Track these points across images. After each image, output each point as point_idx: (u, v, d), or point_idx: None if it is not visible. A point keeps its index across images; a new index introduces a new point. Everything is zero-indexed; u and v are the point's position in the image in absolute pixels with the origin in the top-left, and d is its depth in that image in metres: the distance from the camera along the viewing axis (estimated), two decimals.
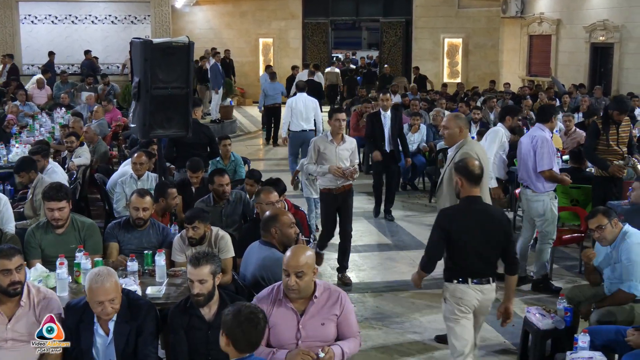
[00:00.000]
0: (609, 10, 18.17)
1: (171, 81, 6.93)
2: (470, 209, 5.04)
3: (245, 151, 16.35)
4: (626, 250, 5.63)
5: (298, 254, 4.37)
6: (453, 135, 6.34)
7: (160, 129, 7.08)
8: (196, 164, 8.35)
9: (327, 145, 7.81)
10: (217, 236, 6.06)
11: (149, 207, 6.13)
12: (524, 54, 22.75)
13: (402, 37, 25.58)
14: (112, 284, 4.41)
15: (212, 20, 27.21)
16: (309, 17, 26.22)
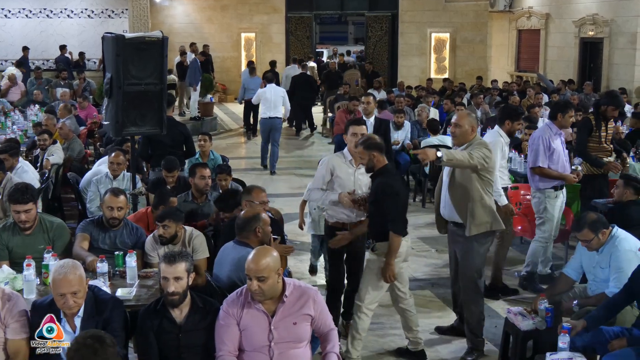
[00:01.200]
0: (598, 4, 18.30)
1: (145, 77, 6.94)
2: (396, 174, 6.08)
3: (226, 149, 16.33)
4: (615, 256, 5.67)
5: (258, 257, 4.39)
6: (465, 134, 6.05)
7: (133, 127, 7.08)
8: (171, 162, 8.35)
9: (343, 167, 6.34)
10: (191, 236, 6.08)
11: (123, 207, 6.13)
12: (512, 49, 22.87)
13: (388, 31, 25.63)
14: (76, 276, 4.43)
15: (192, 14, 27.13)
16: (292, 11, 26.21)
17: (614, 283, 5.59)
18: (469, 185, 5.95)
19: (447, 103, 14.44)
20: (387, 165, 5.92)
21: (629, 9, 17.15)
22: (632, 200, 7.01)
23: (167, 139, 8.88)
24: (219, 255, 5.50)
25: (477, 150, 5.87)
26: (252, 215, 5.41)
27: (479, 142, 6.02)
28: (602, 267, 5.75)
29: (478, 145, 5.95)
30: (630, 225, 6.46)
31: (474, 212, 5.96)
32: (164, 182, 8.33)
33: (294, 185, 13.07)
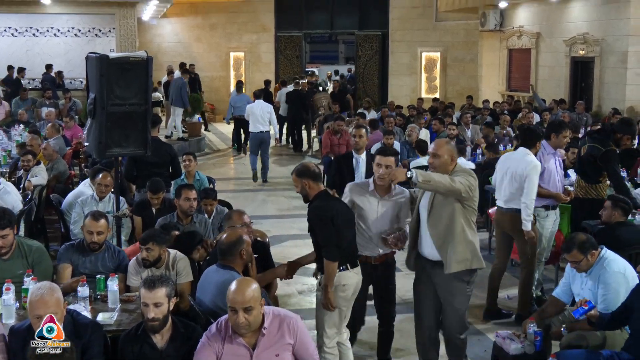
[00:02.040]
0: (588, 23, 18.44)
1: (129, 97, 6.92)
2: (334, 199, 5.86)
3: (213, 169, 16.33)
4: (604, 278, 5.67)
5: (243, 288, 4.33)
6: (444, 164, 5.57)
7: (117, 148, 7.06)
8: (157, 184, 8.34)
9: (366, 198, 6.04)
10: (175, 259, 6.05)
11: (103, 231, 6.10)
12: (503, 68, 23.00)
13: (379, 50, 25.76)
14: (54, 298, 4.42)
15: (180, 33, 27.25)
16: (281, 30, 26.34)
17: (602, 305, 5.60)
18: (451, 217, 5.53)
19: (435, 123, 14.47)
20: (322, 192, 5.73)
21: (619, 28, 17.28)
22: (621, 222, 7.03)
23: (153, 159, 8.89)
24: (202, 279, 5.48)
25: (460, 176, 5.48)
26: (236, 238, 5.38)
27: (463, 171, 5.61)
28: (591, 289, 5.75)
29: (462, 173, 5.54)
30: (620, 246, 6.49)
31: (455, 247, 5.55)
32: (149, 204, 8.32)
33: (283, 207, 13.06)
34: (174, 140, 19.29)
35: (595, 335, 5.55)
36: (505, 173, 7.56)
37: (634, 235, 6.90)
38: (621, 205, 7.15)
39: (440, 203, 5.55)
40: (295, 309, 7.97)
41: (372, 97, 24.86)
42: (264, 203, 13.40)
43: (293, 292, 8.60)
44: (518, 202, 7.40)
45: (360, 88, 26.12)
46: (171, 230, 6.70)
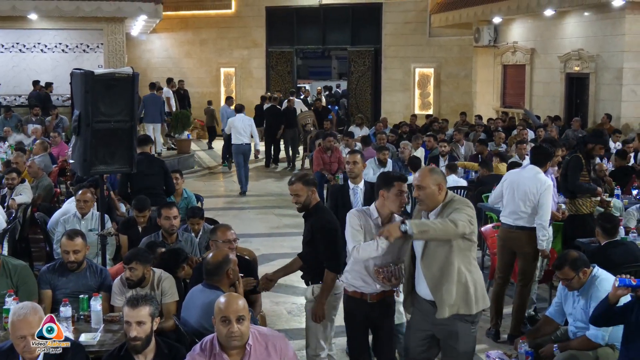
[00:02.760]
0: (583, 39, 18.57)
1: (114, 114, 6.96)
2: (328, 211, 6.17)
3: (203, 188, 16.35)
4: (595, 297, 5.69)
5: (234, 298, 4.41)
6: (432, 196, 5.08)
7: (102, 165, 7.08)
8: (143, 202, 8.36)
9: (370, 226, 5.41)
10: (160, 278, 6.06)
11: (80, 250, 6.11)
12: (497, 84, 23.11)
13: (371, 66, 25.89)
14: (36, 318, 4.45)
15: (170, 48, 27.36)
16: (272, 46, 26.47)
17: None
18: (447, 257, 5.05)
19: (429, 140, 14.54)
20: (319, 202, 5.94)
21: (614, 44, 17.41)
22: (613, 241, 7.06)
23: (147, 176, 9.00)
24: (187, 299, 5.49)
25: (458, 212, 4.97)
26: (222, 258, 5.41)
27: (458, 201, 5.11)
28: (583, 308, 5.78)
29: (458, 205, 5.04)
30: (612, 266, 6.52)
31: (450, 290, 5.06)
32: (135, 222, 8.33)
33: (272, 224, 13.07)
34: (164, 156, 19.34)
35: (587, 355, 5.58)
36: (515, 191, 7.52)
37: (627, 255, 6.93)
38: (600, 224, 7.19)
39: (435, 245, 5.08)
40: (284, 328, 7.99)
41: (365, 113, 24.97)
42: (253, 221, 13.41)
43: (282, 311, 8.61)
44: (528, 220, 7.41)
45: (353, 104, 26.24)
46: (156, 248, 6.71)
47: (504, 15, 20.87)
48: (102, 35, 21.71)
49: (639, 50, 17.11)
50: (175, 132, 19.93)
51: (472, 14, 21.61)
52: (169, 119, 20.23)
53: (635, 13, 16.99)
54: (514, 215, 7.52)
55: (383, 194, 5.37)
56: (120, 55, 21.47)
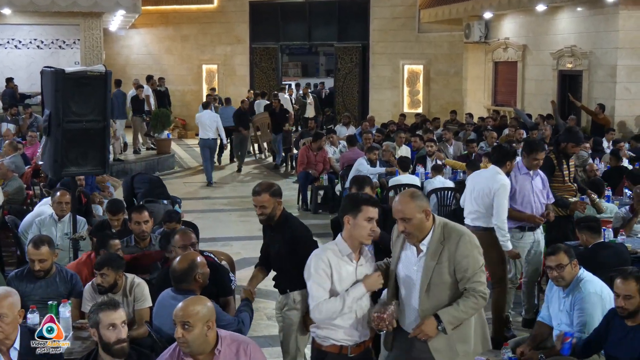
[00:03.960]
0: (576, 35, 18.68)
1: (86, 114, 6.98)
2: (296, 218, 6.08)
3: (183, 189, 16.36)
4: (580, 300, 5.78)
5: (188, 303, 4.43)
6: (420, 225, 4.66)
7: (74, 167, 7.10)
8: (117, 204, 8.37)
9: (341, 266, 4.80)
10: (133, 284, 6.08)
11: (46, 258, 6.13)
12: (489, 81, 23.19)
13: (359, 63, 25.92)
14: (7, 301, 4.57)
15: (150, 44, 27.33)
16: (256, 42, 26.47)
17: (578, 328, 5.70)
18: (452, 300, 4.69)
19: (415, 140, 14.58)
20: (285, 211, 5.89)
21: (608, 40, 17.52)
22: (600, 243, 7.13)
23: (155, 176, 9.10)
24: (157, 306, 5.51)
25: (467, 259, 4.65)
26: (188, 264, 5.45)
27: (457, 233, 4.71)
28: (568, 310, 5.85)
29: (463, 244, 4.67)
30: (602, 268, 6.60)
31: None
32: (109, 225, 8.32)
33: (254, 227, 12.98)
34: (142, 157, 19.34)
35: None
36: (473, 191, 7.75)
37: (615, 258, 7.00)
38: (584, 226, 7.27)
39: (440, 287, 4.68)
40: (264, 335, 8.03)
41: (352, 111, 24.99)
42: (234, 223, 13.43)
43: (262, 317, 8.63)
44: (485, 221, 7.59)
45: (340, 102, 26.27)
46: (108, 241, 6.74)
47: (495, 11, 20.95)
48: (78, 30, 21.65)
49: (633, 47, 17.23)
50: (154, 131, 19.90)
51: (462, 9, 21.69)
52: (148, 118, 20.21)
53: (629, 9, 17.11)
54: (472, 215, 7.73)
55: (349, 220, 4.74)
56: (98, 52, 21.43)
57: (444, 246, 4.66)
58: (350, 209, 4.77)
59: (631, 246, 7.86)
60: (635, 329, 5.26)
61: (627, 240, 8.07)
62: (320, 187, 14.24)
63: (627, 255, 7.31)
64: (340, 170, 13.93)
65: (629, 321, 5.30)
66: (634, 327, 5.27)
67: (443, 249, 4.66)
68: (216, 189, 16.81)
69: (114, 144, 17.34)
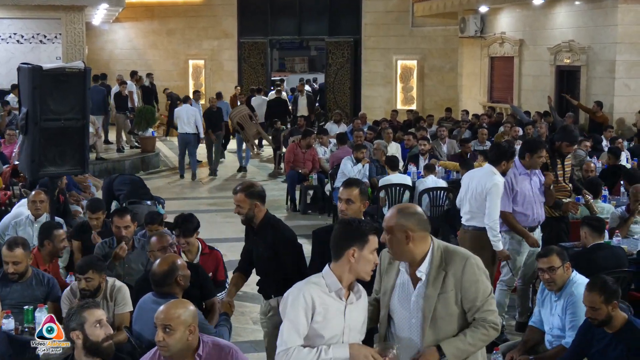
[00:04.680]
0: (574, 30, 18.74)
1: (64, 112, 7.01)
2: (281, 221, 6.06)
3: (167, 189, 16.36)
4: (572, 304, 5.84)
5: (170, 306, 4.47)
6: (406, 247, 4.28)
7: (52, 166, 7.12)
8: (96, 202, 8.36)
9: (329, 304, 4.18)
10: (113, 287, 6.08)
11: (20, 260, 6.13)
12: (484, 77, 23.25)
13: (350, 58, 25.96)
14: None
15: (135, 39, 27.31)
16: (245, 36, 26.47)
17: (570, 332, 5.75)
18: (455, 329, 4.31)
19: (409, 138, 14.60)
20: (268, 214, 5.96)
21: (606, 35, 17.59)
22: (598, 245, 7.17)
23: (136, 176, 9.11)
24: (137, 310, 5.52)
25: (476, 285, 4.28)
26: (169, 266, 5.49)
27: (462, 257, 4.32)
28: (560, 314, 5.89)
29: (470, 269, 4.29)
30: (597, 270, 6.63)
31: None
32: (90, 227, 8.30)
33: (239, 228, 12.85)
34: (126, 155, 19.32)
35: None
36: (467, 190, 7.85)
37: (611, 260, 7.04)
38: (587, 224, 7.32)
39: (446, 320, 4.29)
40: (249, 340, 8.04)
41: (344, 108, 25.03)
42: (220, 224, 13.43)
43: (247, 322, 8.65)
44: (479, 221, 7.69)
45: (331, 99, 26.29)
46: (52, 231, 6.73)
47: (490, 4, 21.02)
48: (60, 25, 21.63)
49: (632, 42, 17.32)
50: (139, 129, 19.88)
51: (457, 3, 21.72)
52: (132, 115, 20.20)
53: (628, 2, 17.20)
54: (467, 215, 7.84)
55: (354, 252, 4.13)
56: (80, 47, 21.41)
57: (446, 272, 4.25)
58: (359, 239, 4.15)
59: (627, 247, 7.92)
60: (616, 337, 5.31)
61: (623, 242, 8.12)
62: (309, 187, 14.24)
63: (625, 258, 7.35)
64: (330, 170, 13.93)
65: (608, 328, 5.34)
66: (615, 334, 5.32)
67: (446, 275, 4.24)
68: (202, 189, 16.81)
69: (96, 142, 17.30)
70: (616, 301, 5.33)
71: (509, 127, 16.29)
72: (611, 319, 5.31)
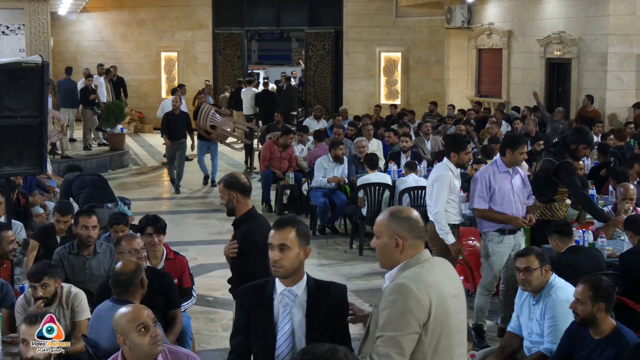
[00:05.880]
0: (564, 21, 18.85)
1: (21, 109, 7.00)
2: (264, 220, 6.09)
3: (137, 189, 16.35)
4: (551, 308, 5.90)
5: (140, 307, 4.64)
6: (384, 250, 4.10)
7: (8, 166, 7.11)
8: (67, 205, 8.33)
9: None
10: (69, 294, 6.09)
11: None
12: (472, 70, 23.35)
13: (331, 50, 25.99)
14: None
15: (103, 30, 27.24)
16: (220, 27, 26.46)
17: (549, 338, 5.80)
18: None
19: (389, 135, 14.62)
20: (252, 210, 6.04)
21: (598, 26, 17.69)
22: (573, 247, 7.24)
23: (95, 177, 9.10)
24: (94, 318, 5.53)
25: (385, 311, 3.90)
26: (135, 266, 5.53)
27: (398, 278, 3.96)
28: (538, 320, 5.95)
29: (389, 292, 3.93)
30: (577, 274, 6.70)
31: None
32: (53, 230, 8.24)
33: (213, 230, 13.13)
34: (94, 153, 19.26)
35: None
36: (429, 183, 8.30)
37: (590, 262, 7.10)
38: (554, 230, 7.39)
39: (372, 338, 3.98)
40: (219, 348, 8.05)
41: (324, 103, 25.11)
42: (192, 226, 13.44)
43: (217, 329, 8.67)
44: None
45: (311, 93, 26.31)
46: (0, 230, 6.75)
47: None
48: (23, 15, 21.58)
49: (624, 34, 17.42)
50: (107, 125, 19.80)
51: None
52: (100, 111, 20.12)
53: None
54: (429, 208, 8.15)
55: None
56: (45, 38, 21.38)
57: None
58: None
59: (612, 249, 7.98)
60: (602, 343, 5.35)
61: (608, 243, 8.18)
62: (286, 187, 14.26)
63: (602, 259, 7.42)
64: (307, 168, 13.94)
65: (594, 333, 5.37)
66: (601, 340, 5.36)
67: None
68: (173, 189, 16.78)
69: (62, 139, 17.25)
70: (604, 304, 5.32)
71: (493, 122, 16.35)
72: (595, 321, 5.32)
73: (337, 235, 12.92)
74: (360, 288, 10.05)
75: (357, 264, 11.20)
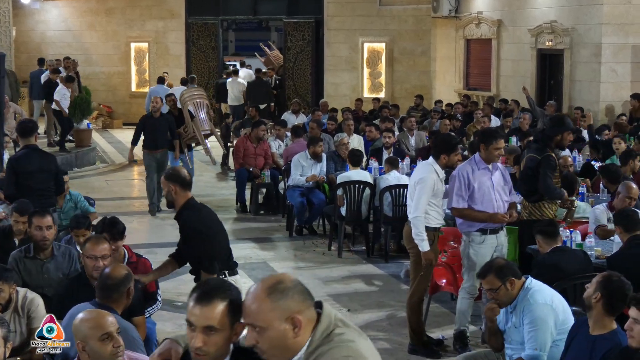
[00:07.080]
0: (556, 9, 18.93)
1: None
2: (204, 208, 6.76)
3: (105, 188, 16.30)
4: (529, 312, 5.88)
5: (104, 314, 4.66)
6: (278, 340, 3.31)
7: None
8: (26, 204, 8.29)
9: None
10: (25, 299, 6.07)
11: None
12: (460, 62, 23.42)
13: (312, 41, 25.96)
14: None
15: (69, 19, 27.14)
16: (193, 16, 26.41)
17: (529, 344, 5.81)
18: None
19: (370, 130, 14.63)
20: (190, 200, 6.60)
21: (591, 15, 17.77)
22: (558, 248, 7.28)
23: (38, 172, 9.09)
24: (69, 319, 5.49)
25: None
26: (124, 274, 5.57)
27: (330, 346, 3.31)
28: (517, 326, 5.96)
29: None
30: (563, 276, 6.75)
31: None
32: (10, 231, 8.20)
33: None
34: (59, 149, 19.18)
35: None
36: (410, 183, 8.25)
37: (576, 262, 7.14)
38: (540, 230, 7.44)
39: None
40: None
41: (304, 96, 25.11)
42: (161, 227, 13.39)
43: None
44: None
45: (290, 86, 26.28)
46: None
47: None
48: None
49: (619, 23, 17.51)
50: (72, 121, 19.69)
51: None
52: None
53: None
54: (409, 208, 8.10)
55: None
56: (6, 28, 21.30)
57: None
58: None
59: (601, 250, 8.03)
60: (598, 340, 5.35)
61: (597, 244, 8.22)
62: (261, 185, 14.24)
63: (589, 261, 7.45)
64: (283, 166, 13.92)
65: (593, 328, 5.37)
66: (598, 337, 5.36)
67: None
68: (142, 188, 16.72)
69: None
70: (610, 309, 5.27)
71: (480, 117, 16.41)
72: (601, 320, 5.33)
73: (315, 236, 12.94)
74: (338, 292, 10.07)
75: (335, 267, 11.22)
